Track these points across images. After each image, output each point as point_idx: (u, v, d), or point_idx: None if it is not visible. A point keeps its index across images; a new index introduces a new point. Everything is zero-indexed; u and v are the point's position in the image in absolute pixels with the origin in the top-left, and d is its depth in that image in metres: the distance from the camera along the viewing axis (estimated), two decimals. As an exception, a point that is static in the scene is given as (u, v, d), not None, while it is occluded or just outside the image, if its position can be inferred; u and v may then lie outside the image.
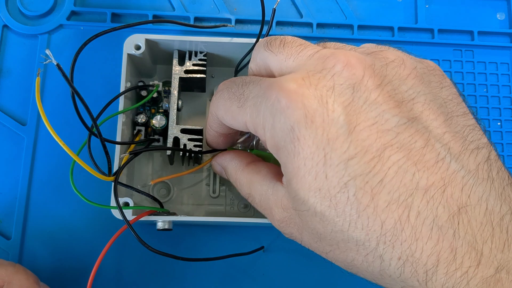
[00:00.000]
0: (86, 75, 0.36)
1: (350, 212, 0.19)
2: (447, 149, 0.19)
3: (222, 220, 0.30)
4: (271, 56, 0.23)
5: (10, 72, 0.37)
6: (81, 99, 0.23)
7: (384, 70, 0.20)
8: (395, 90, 0.20)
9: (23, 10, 0.37)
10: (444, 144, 0.19)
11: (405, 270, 0.18)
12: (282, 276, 0.34)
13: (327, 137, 0.19)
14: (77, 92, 0.23)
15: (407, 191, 0.18)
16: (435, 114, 0.20)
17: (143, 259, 0.34)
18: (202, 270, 0.34)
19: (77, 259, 0.33)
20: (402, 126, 0.19)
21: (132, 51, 0.30)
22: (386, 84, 0.20)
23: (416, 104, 0.20)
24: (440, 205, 0.18)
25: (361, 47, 0.23)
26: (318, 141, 0.19)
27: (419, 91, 0.20)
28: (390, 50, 0.22)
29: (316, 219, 0.20)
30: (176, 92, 0.31)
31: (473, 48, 0.39)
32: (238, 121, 0.23)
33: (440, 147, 0.19)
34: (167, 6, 0.39)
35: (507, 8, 0.40)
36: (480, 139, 0.20)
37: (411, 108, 0.20)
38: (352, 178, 0.18)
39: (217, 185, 0.34)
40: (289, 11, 0.39)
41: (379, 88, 0.20)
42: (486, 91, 0.38)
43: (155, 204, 0.30)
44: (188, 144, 0.31)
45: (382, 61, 0.21)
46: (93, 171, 0.26)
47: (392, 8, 0.40)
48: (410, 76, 0.20)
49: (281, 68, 0.22)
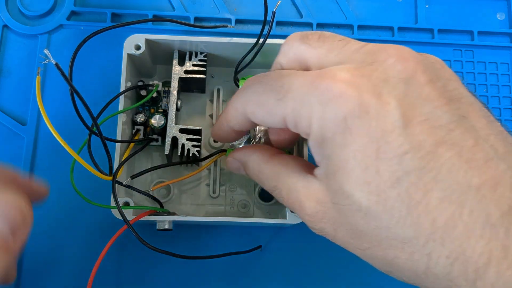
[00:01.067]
0: (86, 75, 0.36)
1: (399, 208, 0.18)
2: (494, 150, 0.19)
3: (222, 220, 0.30)
4: (309, 50, 0.22)
5: (10, 72, 0.37)
6: (80, 98, 0.23)
7: (432, 67, 0.20)
8: (444, 87, 0.20)
9: (23, 10, 0.37)
10: (491, 144, 0.19)
11: (453, 268, 0.18)
12: (279, 275, 0.34)
13: (381, 130, 0.18)
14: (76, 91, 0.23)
15: (460, 189, 0.18)
16: (478, 115, 0.20)
17: (143, 259, 0.34)
18: (200, 270, 0.34)
19: (77, 259, 0.33)
20: (453, 124, 0.19)
21: (132, 51, 0.30)
22: (436, 81, 0.20)
23: (462, 104, 0.20)
24: (492, 204, 0.18)
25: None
26: (372, 133, 0.19)
27: (461, 92, 0.20)
28: (425, 54, 0.22)
29: (359, 214, 0.19)
30: (175, 92, 0.31)
31: (473, 48, 0.39)
32: (276, 115, 0.22)
33: (488, 147, 0.19)
34: (167, 6, 0.39)
35: (507, 8, 0.40)
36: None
37: (459, 107, 0.19)
38: (405, 173, 0.18)
39: (217, 185, 0.34)
40: (289, 11, 0.39)
41: (431, 84, 0.19)
42: (486, 91, 0.38)
43: (155, 204, 0.30)
44: (187, 144, 0.31)
45: (427, 60, 0.21)
46: (94, 170, 0.26)
47: (392, 8, 0.40)
48: (453, 77, 0.21)
49: (321, 62, 0.22)
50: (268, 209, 0.34)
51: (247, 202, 0.34)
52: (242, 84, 0.33)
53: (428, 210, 0.18)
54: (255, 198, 0.34)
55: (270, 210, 0.34)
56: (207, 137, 0.34)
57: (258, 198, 0.33)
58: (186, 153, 0.31)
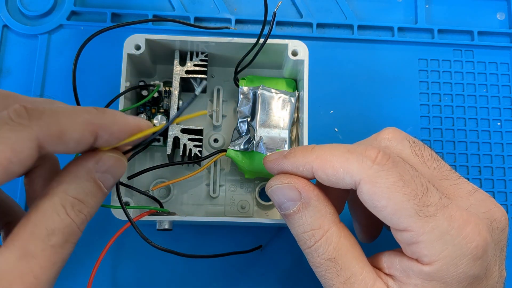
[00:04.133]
0: (86, 75, 0.36)
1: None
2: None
3: (222, 220, 0.30)
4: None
5: (10, 72, 0.37)
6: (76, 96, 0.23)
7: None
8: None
9: (23, 10, 0.37)
10: None
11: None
12: (279, 275, 0.34)
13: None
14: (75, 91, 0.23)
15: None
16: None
17: (143, 259, 0.34)
18: (200, 270, 0.34)
19: (77, 259, 0.33)
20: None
21: (132, 51, 0.30)
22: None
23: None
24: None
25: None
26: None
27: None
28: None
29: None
30: (177, 92, 0.31)
31: (473, 48, 0.39)
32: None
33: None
34: (167, 6, 0.39)
35: (507, 8, 0.40)
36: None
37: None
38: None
39: (217, 185, 0.34)
40: (289, 11, 0.39)
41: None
42: (486, 91, 0.38)
43: (155, 204, 0.30)
44: (188, 144, 0.31)
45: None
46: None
47: (392, 8, 0.40)
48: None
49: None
50: (268, 209, 0.34)
51: (247, 202, 0.34)
52: (242, 84, 0.33)
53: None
54: (255, 198, 0.34)
55: (270, 210, 0.34)
56: (207, 137, 0.34)
57: (258, 198, 0.33)
58: (188, 153, 0.31)
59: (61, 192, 0.21)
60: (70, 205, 0.20)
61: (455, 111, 0.38)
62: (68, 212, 0.20)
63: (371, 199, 0.22)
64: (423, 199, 0.21)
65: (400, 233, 0.22)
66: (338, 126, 0.37)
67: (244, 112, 0.32)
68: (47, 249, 0.19)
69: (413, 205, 0.21)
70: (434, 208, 0.21)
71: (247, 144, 0.32)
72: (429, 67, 0.39)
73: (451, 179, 0.25)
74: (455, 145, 0.37)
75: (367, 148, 0.23)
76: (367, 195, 0.22)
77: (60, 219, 0.20)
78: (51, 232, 0.19)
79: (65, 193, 0.21)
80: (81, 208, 0.21)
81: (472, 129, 0.37)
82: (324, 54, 0.38)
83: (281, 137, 0.31)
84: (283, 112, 0.32)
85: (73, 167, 0.21)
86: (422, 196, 0.22)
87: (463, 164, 0.37)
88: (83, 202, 0.21)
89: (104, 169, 0.22)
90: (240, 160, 0.32)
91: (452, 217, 0.22)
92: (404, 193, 0.21)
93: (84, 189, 0.21)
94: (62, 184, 0.21)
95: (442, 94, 0.38)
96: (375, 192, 0.22)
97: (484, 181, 0.37)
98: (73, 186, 0.21)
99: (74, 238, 0.21)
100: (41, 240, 0.19)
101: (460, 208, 0.22)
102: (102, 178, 0.22)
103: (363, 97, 0.37)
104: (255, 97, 0.32)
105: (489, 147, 0.37)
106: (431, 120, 0.38)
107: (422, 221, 0.21)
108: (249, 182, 0.34)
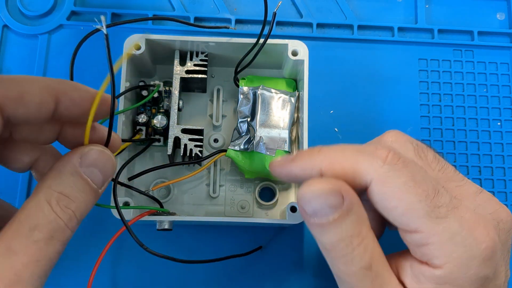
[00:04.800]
0: (86, 75, 0.36)
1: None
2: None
3: (222, 220, 0.30)
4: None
5: (10, 72, 0.37)
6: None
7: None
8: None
9: (23, 10, 0.37)
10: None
11: None
12: (279, 275, 0.34)
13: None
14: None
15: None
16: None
17: (143, 259, 0.34)
18: (200, 271, 0.34)
19: (77, 259, 0.33)
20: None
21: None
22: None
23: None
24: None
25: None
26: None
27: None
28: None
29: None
30: (177, 92, 0.31)
31: (473, 48, 0.39)
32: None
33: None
34: (167, 6, 0.39)
35: (507, 8, 0.40)
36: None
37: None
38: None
39: (217, 185, 0.34)
40: (289, 11, 0.39)
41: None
42: (486, 91, 0.38)
43: (155, 204, 0.30)
44: (189, 144, 0.31)
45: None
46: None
47: (392, 8, 0.40)
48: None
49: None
50: (268, 209, 0.34)
51: (247, 202, 0.34)
52: (242, 84, 0.33)
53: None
54: (255, 198, 0.34)
55: (270, 210, 0.34)
56: (207, 137, 0.34)
57: (258, 198, 0.33)
58: (189, 153, 0.31)
59: (46, 187, 0.20)
60: (55, 201, 0.20)
61: (455, 111, 0.38)
62: (53, 207, 0.20)
63: (382, 199, 0.22)
64: (434, 200, 0.21)
65: (410, 235, 0.22)
66: (338, 126, 0.37)
67: (244, 112, 0.32)
68: (30, 246, 0.19)
69: (425, 206, 0.21)
70: (445, 209, 0.21)
71: (247, 144, 0.32)
72: (429, 67, 0.39)
73: (456, 181, 0.24)
74: (455, 145, 0.37)
75: (377, 147, 0.22)
76: (378, 195, 0.22)
77: (44, 214, 0.20)
78: (33, 227, 0.19)
79: (49, 188, 0.20)
80: (67, 203, 0.20)
81: (472, 129, 0.37)
82: (324, 54, 0.38)
83: (281, 137, 0.31)
84: (283, 112, 0.32)
85: (58, 162, 0.21)
86: (434, 197, 0.21)
87: (463, 164, 0.37)
88: (69, 197, 0.20)
89: (88, 162, 0.21)
90: (240, 160, 0.32)
91: (463, 219, 0.21)
92: (415, 193, 0.21)
93: (69, 183, 0.21)
94: (46, 180, 0.20)
95: (442, 94, 0.38)
96: (385, 192, 0.21)
97: (484, 181, 0.37)
98: (58, 181, 0.20)
99: (61, 235, 0.20)
100: (24, 236, 0.19)
101: (470, 210, 0.22)
102: (88, 172, 0.21)
103: (363, 97, 0.37)
104: (255, 97, 0.32)
105: (489, 147, 0.37)
106: (431, 120, 0.38)
107: (433, 223, 0.21)
108: (249, 182, 0.34)
